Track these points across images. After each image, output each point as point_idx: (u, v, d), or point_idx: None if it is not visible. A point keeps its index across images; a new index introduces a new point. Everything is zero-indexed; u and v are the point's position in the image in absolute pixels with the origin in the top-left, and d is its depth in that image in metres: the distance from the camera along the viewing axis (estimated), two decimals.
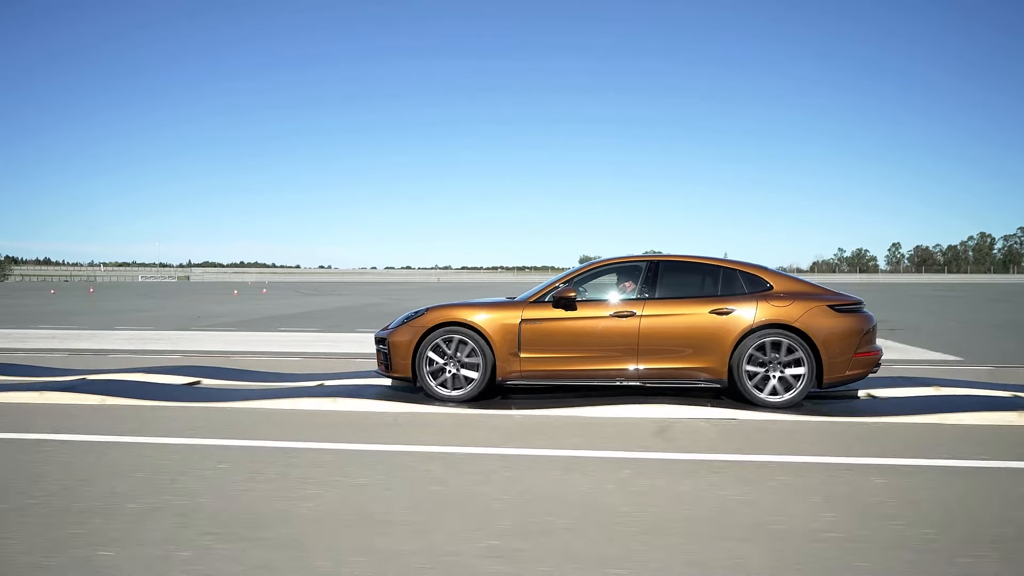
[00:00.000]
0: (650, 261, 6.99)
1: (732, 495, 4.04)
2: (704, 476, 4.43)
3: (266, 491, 3.99)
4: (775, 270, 7.11)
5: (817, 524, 3.58)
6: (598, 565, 3.07)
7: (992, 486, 4.28)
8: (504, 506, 3.80)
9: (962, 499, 4.01)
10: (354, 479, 4.25)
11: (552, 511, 3.73)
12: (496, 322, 6.65)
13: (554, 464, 4.66)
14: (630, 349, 6.64)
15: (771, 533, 3.46)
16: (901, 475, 4.49)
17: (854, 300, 6.87)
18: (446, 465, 4.58)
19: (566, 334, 6.67)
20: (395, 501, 3.86)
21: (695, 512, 3.75)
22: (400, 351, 6.68)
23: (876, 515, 3.72)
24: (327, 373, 8.41)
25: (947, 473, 4.56)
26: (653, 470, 4.56)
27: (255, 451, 4.88)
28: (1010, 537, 3.43)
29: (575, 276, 7.01)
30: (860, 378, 6.79)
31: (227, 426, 5.63)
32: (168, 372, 8.18)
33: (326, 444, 5.06)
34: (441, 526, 3.50)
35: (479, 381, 6.61)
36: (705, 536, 3.42)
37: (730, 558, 3.15)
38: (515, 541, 3.31)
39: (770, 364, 6.55)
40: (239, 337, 14.04)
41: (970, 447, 5.21)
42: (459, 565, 3.06)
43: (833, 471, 4.57)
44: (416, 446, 5.07)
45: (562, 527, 3.50)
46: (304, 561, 3.07)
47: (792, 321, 6.58)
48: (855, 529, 3.52)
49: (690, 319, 6.67)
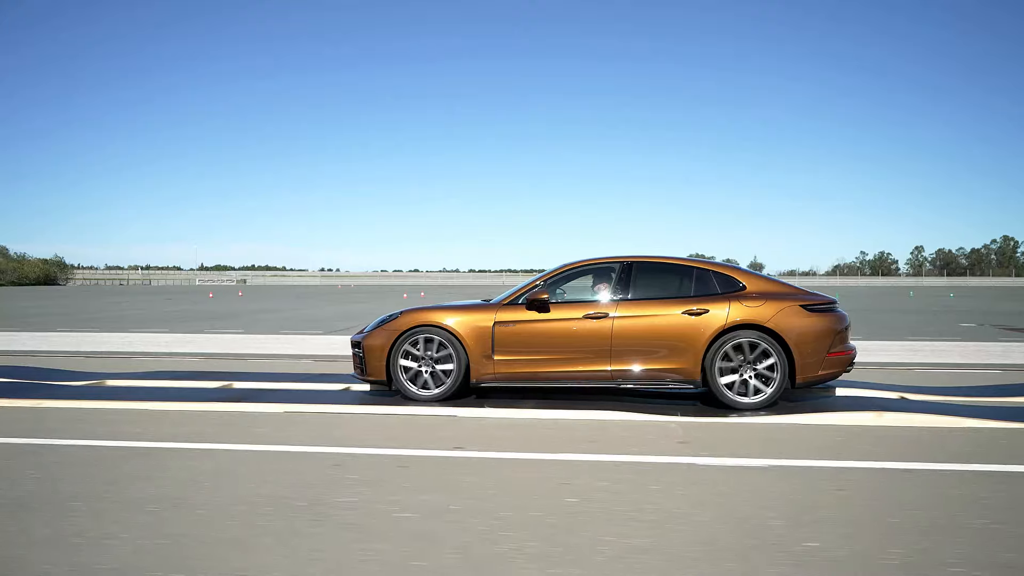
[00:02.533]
0: (623, 262, 7.02)
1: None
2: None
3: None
4: (748, 270, 7.14)
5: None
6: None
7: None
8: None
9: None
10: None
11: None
12: (469, 325, 6.71)
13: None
14: (603, 351, 6.67)
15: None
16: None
17: (827, 300, 6.89)
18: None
19: (539, 336, 6.72)
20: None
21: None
22: (375, 354, 6.73)
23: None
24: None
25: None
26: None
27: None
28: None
29: (549, 278, 7.06)
30: (834, 377, 6.81)
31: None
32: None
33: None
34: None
35: (452, 383, 6.66)
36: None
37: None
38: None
39: (743, 365, 6.58)
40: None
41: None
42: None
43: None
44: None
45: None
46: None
47: (764, 321, 6.60)
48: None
49: (663, 320, 6.70)
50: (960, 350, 12.40)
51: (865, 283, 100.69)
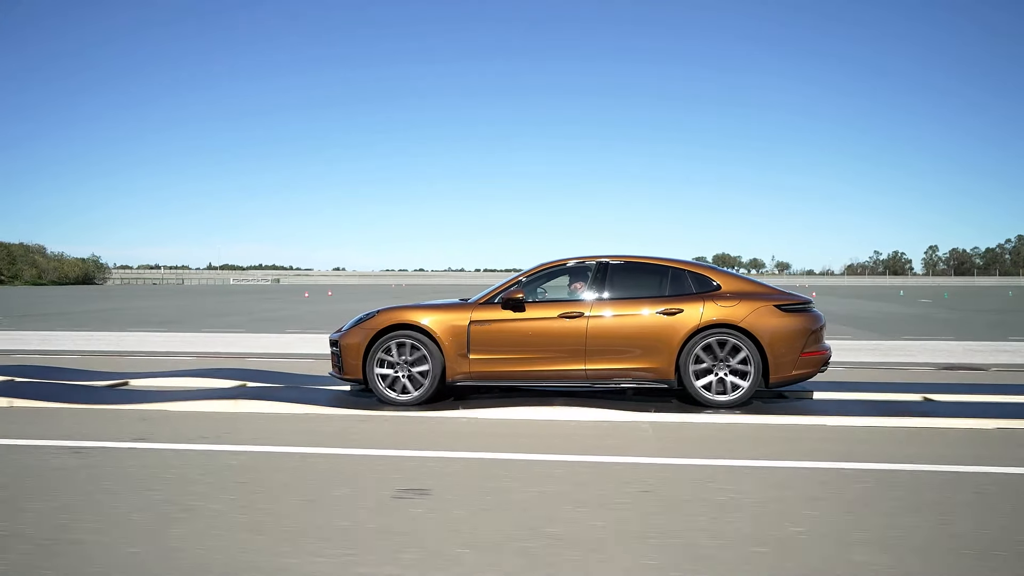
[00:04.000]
0: (599, 262, 7.06)
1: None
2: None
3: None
4: (724, 270, 7.16)
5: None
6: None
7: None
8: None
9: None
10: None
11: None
12: (446, 323, 6.78)
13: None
14: (578, 350, 6.73)
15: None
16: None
17: (802, 299, 6.88)
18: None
19: (514, 335, 6.77)
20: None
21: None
22: (351, 353, 6.80)
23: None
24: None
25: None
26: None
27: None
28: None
29: (525, 277, 7.10)
30: (808, 377, 6.81)
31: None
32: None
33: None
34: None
35: (429, 384, 6.71)
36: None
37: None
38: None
39: (717, 364, 6.61)
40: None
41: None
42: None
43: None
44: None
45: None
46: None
47: (738, 321, 6.62)
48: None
49: (637, 319, 6.75)
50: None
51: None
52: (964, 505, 3.93)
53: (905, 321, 20.88)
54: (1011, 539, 3.40)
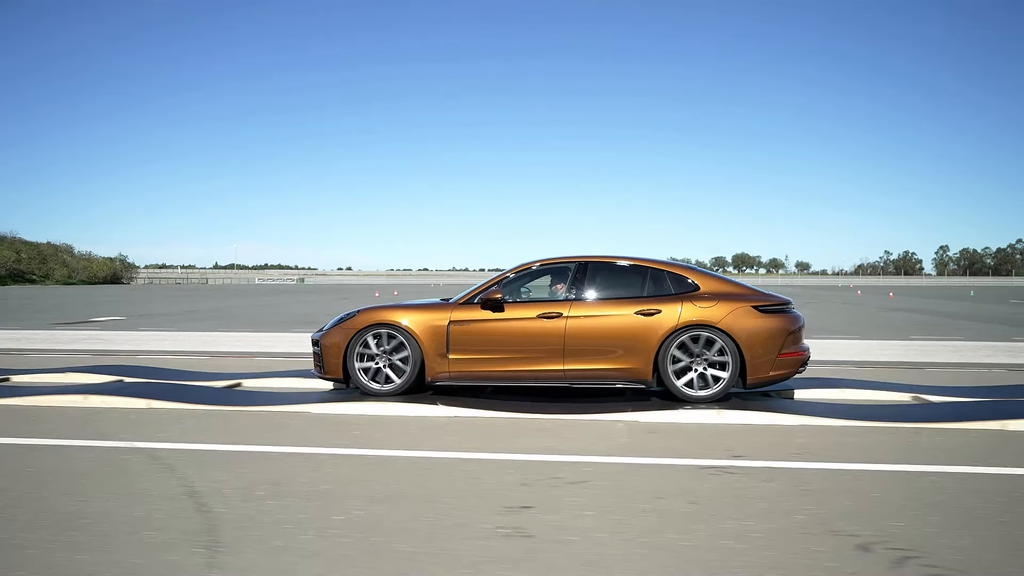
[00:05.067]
0: (579, 262, 7.10)
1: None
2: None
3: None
4: (704, 270, 7.16)
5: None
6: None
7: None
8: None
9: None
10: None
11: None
12: (425, 323, 6.87)
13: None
14: (556, 350, 6.77)
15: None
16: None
17: (780, 300, 6.87)
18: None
19: (493, 335, 6.84)
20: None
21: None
22: (332, 352, 6.92)
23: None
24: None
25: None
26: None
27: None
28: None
29: (505, 278, 7.18)
30: (786, 378, 6.81)
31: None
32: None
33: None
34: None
35: (406, 380, 6.82)
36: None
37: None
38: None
39: (694, 361, 6.63)
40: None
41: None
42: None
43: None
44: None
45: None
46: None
47: (716, 321, 6.63)
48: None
49: (615, 320, 6.78)
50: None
51: (917, 283, 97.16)
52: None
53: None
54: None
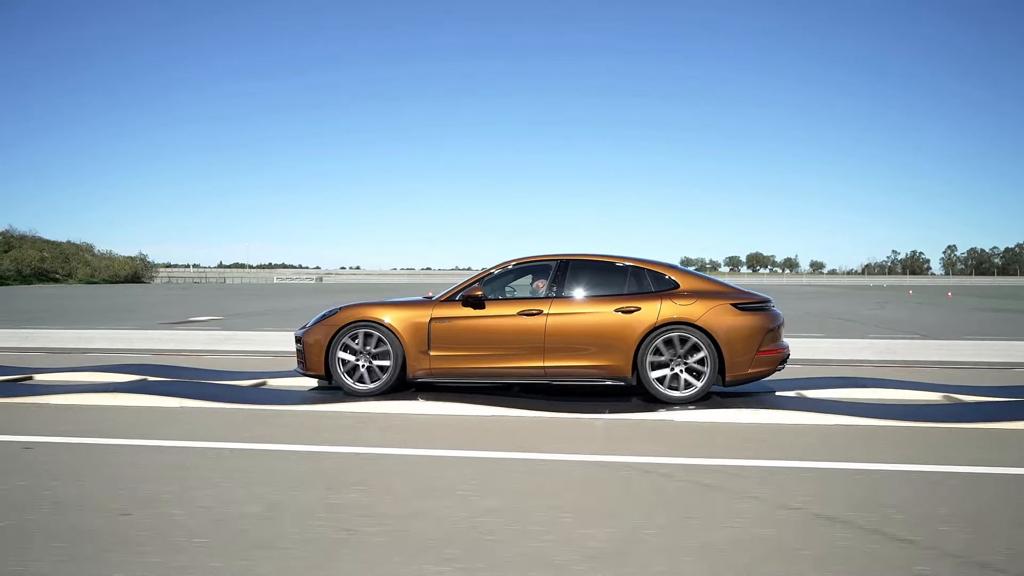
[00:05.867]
0: (560, 260, 7.13)
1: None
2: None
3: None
4: (684, 269, 7.14)
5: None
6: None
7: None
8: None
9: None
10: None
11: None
12: (406, 321, 6.93)
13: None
14: (536, 347, 6.80)
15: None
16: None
17: (760, 298, 6.85)
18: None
19: (474, 332, 6.88)
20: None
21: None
22: (314, 350, 6.99)
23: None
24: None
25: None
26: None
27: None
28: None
29: (487, 275, 7.22)
30: (765, 375, 6.79)
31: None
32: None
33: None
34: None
35: (388, 378, 6.87)
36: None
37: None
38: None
39: (674, 360, 6.62)
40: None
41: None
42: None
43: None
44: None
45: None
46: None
47: (695, 319, 6.62)
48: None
49: (595, 317, 6.80)
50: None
51: (953, 283, 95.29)
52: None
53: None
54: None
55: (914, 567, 3.07)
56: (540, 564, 3.11)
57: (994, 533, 3.47)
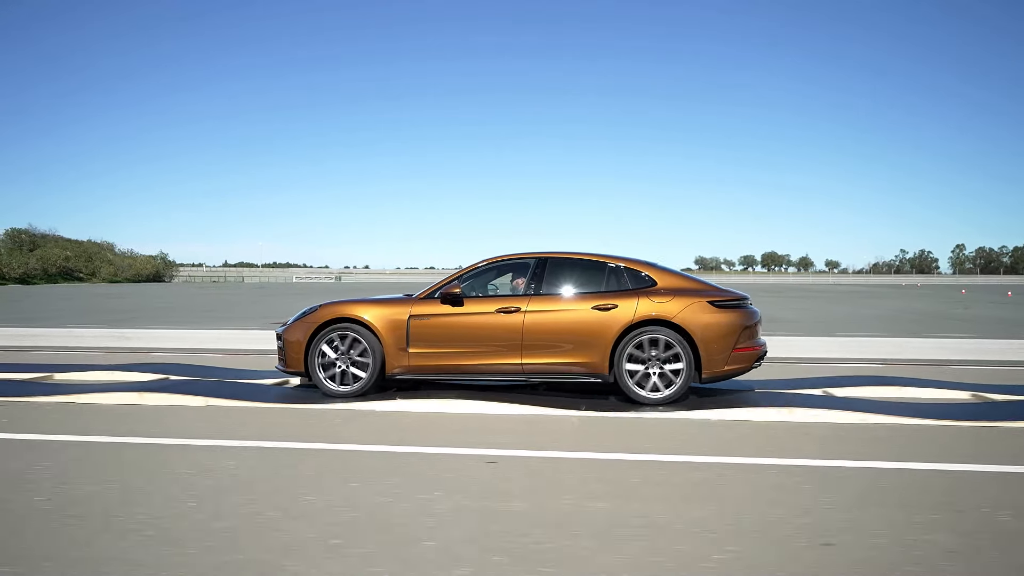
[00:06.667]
0: (538, 258, 7.14)
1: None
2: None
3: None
4: (662, 266, 7.12)
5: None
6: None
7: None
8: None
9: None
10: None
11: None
12: (386, 318, 6.96)
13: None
14: (514, 345, 6.82)
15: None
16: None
17: (737, 296, 6.84)
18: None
19: (452, 330, 6.91)
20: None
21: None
22: (294, 347, 7.03)
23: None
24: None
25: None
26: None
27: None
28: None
29: (465, 273, 7.25)
30: (741, 373, 6.78)
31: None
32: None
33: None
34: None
35: (368, 377, 6.90)
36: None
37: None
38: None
39: (650, 360, 6.61)
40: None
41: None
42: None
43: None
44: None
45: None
46: None
47: (671, 316, 6.62)
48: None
49: (572, 315, 6.81)
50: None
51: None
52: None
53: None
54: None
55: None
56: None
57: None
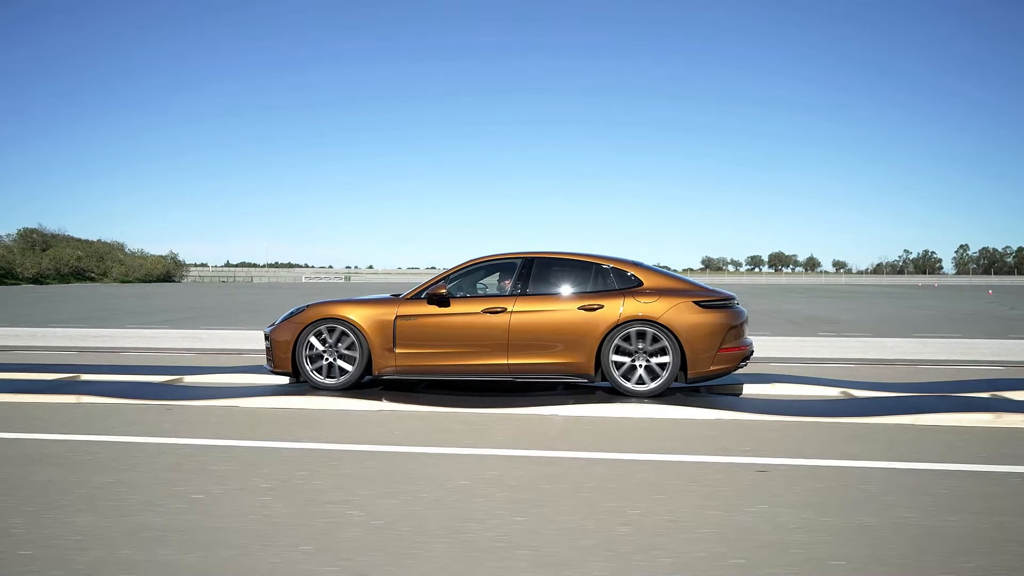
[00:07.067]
0: (525, 258, 7.14)
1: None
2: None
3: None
4: (649, 267, 7.10)
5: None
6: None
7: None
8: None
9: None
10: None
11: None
12: (372, 318, 6.98)
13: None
14: (500, 345, 6.82)
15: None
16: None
17: (723, 296, 6.82)
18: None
19: (438, 330, 6.92)
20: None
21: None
22: (281, 347, 7.07)
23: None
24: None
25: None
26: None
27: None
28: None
29: (452, 273, 7.26)
30: (727, 372, 6.77)
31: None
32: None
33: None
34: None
35: (353, 374, 6.93)
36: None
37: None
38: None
39: (636, 355, 6.64)
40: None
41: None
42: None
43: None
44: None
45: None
46: None
47: (657, 317, 6.61)
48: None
49: (558, 315, 6.80)
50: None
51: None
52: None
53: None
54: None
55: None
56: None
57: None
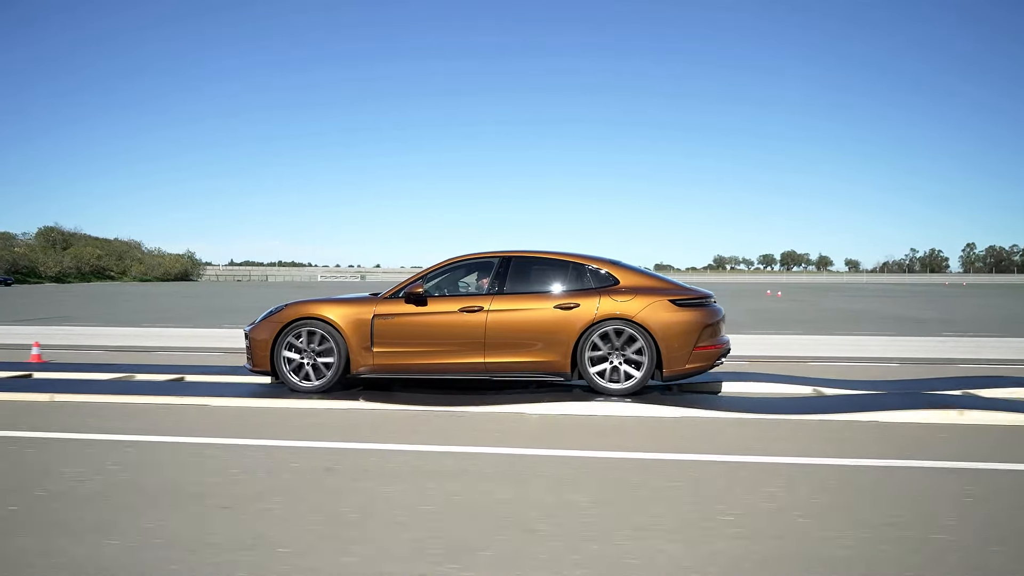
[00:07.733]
0: (502, 257, 7.13)
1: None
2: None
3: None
4: (626, 265, 7.08)
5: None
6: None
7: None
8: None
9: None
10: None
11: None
12: (350, 317, 6.98)
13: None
14: (477, 343, 6.81)
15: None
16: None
17: (700, 294, 6.80)
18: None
19: (416, 328, 6.92)
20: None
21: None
22: (260, 347, 7.07)
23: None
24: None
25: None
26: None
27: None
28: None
29: (429, 272, 7.25)
30: (703, 371, 6.75)
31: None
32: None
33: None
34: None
35: (332, 375, 6.93)
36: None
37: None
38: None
39: (612, 353, 6.63)
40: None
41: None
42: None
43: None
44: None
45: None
46: None
47: (632, 315, 6.59)
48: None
49: (534, 314, 6.79)
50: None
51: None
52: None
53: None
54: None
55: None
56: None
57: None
